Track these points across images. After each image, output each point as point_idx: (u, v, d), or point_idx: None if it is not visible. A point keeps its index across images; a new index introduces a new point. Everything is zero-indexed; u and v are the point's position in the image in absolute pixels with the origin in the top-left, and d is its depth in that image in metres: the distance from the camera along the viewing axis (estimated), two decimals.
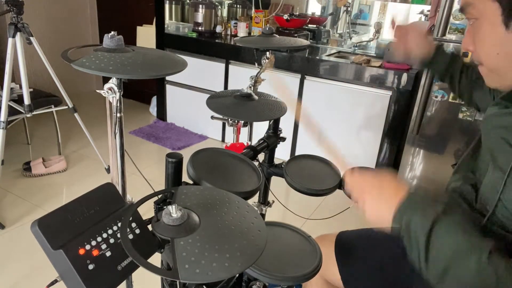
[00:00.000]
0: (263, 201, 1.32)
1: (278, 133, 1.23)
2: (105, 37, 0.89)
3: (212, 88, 3.19)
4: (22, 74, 2.16)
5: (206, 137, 3.40)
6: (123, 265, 0.60)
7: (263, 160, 1.23)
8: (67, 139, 3.07)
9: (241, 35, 3.26)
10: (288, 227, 0.95)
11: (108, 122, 1.01)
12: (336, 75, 2.66)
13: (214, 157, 0.94)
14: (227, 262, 0.55)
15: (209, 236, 0.59)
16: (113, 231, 0.62)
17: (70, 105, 2.38)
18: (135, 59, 0.85)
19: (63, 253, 0.56)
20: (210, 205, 0.67)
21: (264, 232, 0.63)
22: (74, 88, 3.83)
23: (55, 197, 2.36)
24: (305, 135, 2.92)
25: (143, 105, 4.05)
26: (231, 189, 0.76)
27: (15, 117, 2.28)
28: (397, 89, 2.49)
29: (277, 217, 1.19)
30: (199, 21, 3.27)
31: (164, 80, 3.47)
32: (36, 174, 2.55)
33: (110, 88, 0.92)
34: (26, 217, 2.14)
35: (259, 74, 1.52)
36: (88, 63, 0.81)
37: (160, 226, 0.60)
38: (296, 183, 1.07)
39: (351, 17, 3.25)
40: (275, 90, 1.22)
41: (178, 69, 0.88)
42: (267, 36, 1.42)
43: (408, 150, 2.56)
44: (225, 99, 1.11)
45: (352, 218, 2.40)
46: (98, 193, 0.65)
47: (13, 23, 2.05)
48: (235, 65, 3.05)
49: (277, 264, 0.80)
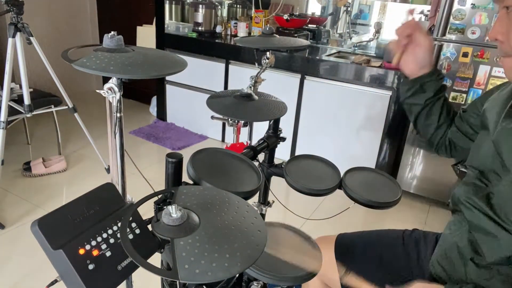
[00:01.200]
0: (263, 201, 1.32)
1: (278, 133, 1.23)
2: (105, 37, 0.89)
3: (212, 88, 3.19)
4: (22, 74, 2.16)
5: (206, 137, 3.40)
6: (123, 265, 0.60)
7: (263, 160, 1.23)
8: (67, 139, 3.07)
9: (241, 35, 3.26)
10: (288, 227, 0.95)
11: (108, 122, 1.01)
12: (336, 75, 2.66)
13: (214, 157, 0.94)
14: (227, 262, 0.55)
15: (209, 236, 0.59)
16: (113, 231, 0.62)
17: (70, 105, 2.38)
18: (135, 59, 0.85)
19: (63, 253, 0.56)
20: (210, 205, 0.67)
21: (264, 232, 0.63)
22: (74, 88, 3.83)
23: (55, 197, 2.36)
24: (304, 135, 2.92)
25: (143, 105, 4.05)
26: (231, 189, 0.76)
27: (15, 117, 2.28)
28: (397, 89, 2.49)
29: (277, 217, 1.19)
30: (199, 21, 3.27)
31: (164, 80, 3.47)
32: (36, 174, 2.55)
33: (110, 88, 0.92)
34: (26, 217, 2.14)
35: (259, 74, 1.52)
36: (88, 63, 0.81)
37: (160, 226, 0.60)
38: (296, 183, 1.07)
39: (351, 17, 3.25)
40: None
41: (178, 69, 0.88)
42: (267, 36, 1.42)
43: (408, 150, 2.56)
44: (225, 99, 1.11)
45: (352, 218, 2.40)
46: (98, 193, 0.65)
47: (13, 23, 2.05)
48: (235, 65, 3.05)
49: (277, 264, 0.80)
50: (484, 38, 2.17)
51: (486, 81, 2.22)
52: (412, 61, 0.99)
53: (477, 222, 0.80)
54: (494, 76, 2.20)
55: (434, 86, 1.01)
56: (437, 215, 2.51)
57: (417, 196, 2.63)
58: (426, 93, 1.01)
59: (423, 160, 2.53)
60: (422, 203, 2.62)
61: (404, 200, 2.48)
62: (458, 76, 2.28)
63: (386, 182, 1.16)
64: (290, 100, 2.82)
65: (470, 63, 2.23)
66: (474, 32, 2.18)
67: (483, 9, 2.13)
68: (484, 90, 2.24)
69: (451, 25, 2.23)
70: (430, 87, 1.01)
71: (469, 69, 2.24)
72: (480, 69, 2.22)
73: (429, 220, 2.46)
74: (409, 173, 2.60)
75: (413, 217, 2.48)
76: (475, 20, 2.17)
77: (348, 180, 1.11)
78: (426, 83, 1.01)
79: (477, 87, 2.25)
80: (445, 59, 2.29)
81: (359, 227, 2.35)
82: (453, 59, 2.27)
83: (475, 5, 2.14)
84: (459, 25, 2.21)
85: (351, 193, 1.06)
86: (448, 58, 2.28)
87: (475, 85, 2.25)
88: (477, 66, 2.22)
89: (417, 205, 2.61)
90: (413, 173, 2.59)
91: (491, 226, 0.77)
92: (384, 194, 1.08)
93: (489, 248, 0.78)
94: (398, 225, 2.51)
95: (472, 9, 2.16)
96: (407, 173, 2.61)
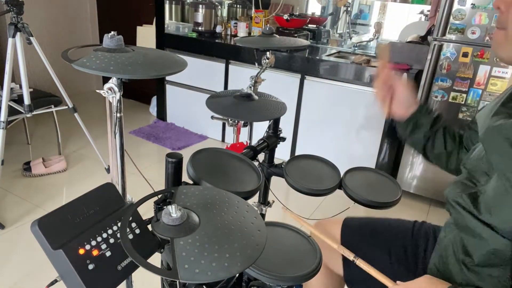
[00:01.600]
0: (263, 201, 1.32)
1: (278, 133, 1.23)
2: (105, 37, 0.89)
3: (212, 88, 3.19)
4: (22, 74, 2.16)
5: (206, 137, 3.40)
6: (123, 265, 0.60)
7: (263, 160, 1.23)
8: (67, 139, 3.07)
9: (241, 35, 3.26)
10: (288, 227, 0.95)
11: (108, 122, 1.01)
12: (336, 75, 2.66)
13: (214, 157, 0.94)
14: (227, 262, 0.55)
15: (208, 236, 0.59)
16: (113, 231, 0.62)
17: (70, 105, 2.38)
18: (135, 59, 0.85)
19: (63, 253, 0.56)
20: (210, 205, 0.67)
21: (264, 232, 0.63)
22: (74, 88, 3.84)
23: (55, 197, 2.36)
24: (304, 135, 2.92)
25: (143, 105, 4.05)
26: (231, 189, 0.76)
27: (15, 117, 2.28)
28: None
29: (277, 217, 1.19)
30: (199, 21, 3.27)
31: (164, 80, 3.47)
32: (36, 174, 2.55)
33: (110, 88, 0.92)
34: (26, 217, 2.14)
35: (259, 74, 1.52)
36: (88, 63, 0.81)
37: (160, 226, 0.60)
38: (296, 183, 1.07)
39: (351, 17, 3.25)
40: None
41: (178, 69, 0.88)
42: (267, 36, 1.43)
43: (408, 150, 2.56)
44: (225, 99, 1.11)
45: None
46: (98, 193, 0.65)
47: (13, 23, 2.05)
48: (235, 65, 3.05)
49: (277, 264, 0.80)
50: (484, 38, 2.17)
51: (486, 81, 2.22)
52: (399, 106, 1.04)
53: (463, 222, 0.80)
54: (494, 76, 2.20)
55: (427, 120, 1.03)
56: (437, 215, 2.51)
57: (417, 196, 2.63)
58: (423, 128, 1.04)
59: (423, 160, 2.52)
60: (422, 203, 2.62)
61: (404, 200, 2.48)
62: (458, 76, 2.28)
63: (386, 182, 1.16)
64: (290, 100, 2.82)
65: (470, 63, 2.23)
66: (474, 32, 2.18)
67: (483, 9, 2.13)
68: (484, 90, 2.24)
69: (451, 25, 2.23)
70: (424, 122, 1.03)
71: (469, 69, 2.24)
72: (480, 69, 2.22)
73: (429, 220, 2.44)
74: (409, 173, 2.60)
75: (413, 217, 2.47)
76: (475, 20, 2.17)
77: (348, 180, 1.11)
78: (419, 120, 1.04)
79: (477, 87, 2.25)
80: (445, 59, 2.29)
81: None
82: (453, 59, 2.27)
83: (475, 5, 2.14)
84: (459, 25, 2.21)
85: (351, 193, 1.06)
86: (448, 58, 2.28)
87: (475, 85, 2.25)
88: (477, 66, 2.22)
89: (417, 205, 2.60)
90: (413, 173, 2.59)
91: (475, 225, 0.76)
92: (384, 194, 1.08)
93: (476, 248, 0.78)
94: None
95: (472, 9, 2.16)
96: (407, 173, 2.61)
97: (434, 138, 1.04)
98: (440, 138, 1.04)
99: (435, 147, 1.04)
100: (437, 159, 1.07)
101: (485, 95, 2.24)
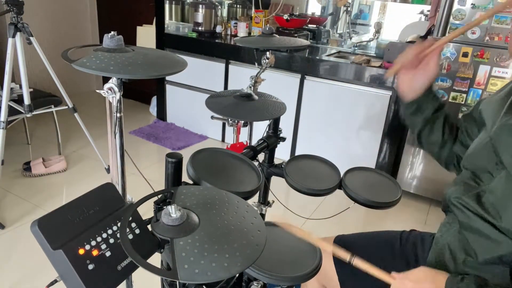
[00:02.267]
0: (263, 201, 1.32)
1: (278, 133, 1.23)
2: (105, 37, 0.89)
3: (212, 88, 3.19)
4: (22, 74, 2.16)
5: (206, 137, 3.40)
6: (123, 265, 0.60)
7: (263, 160, 1.23)
8: (67, 139, 3.07)
9: (241, 35, 3.26)
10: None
11: (108, 122, 1.01)
12: (336, 75, 2.66)
13: (214, 157, 0.94)
14: (227, 262, 0.55)
15: (208, 236, 0.59)
16: (113, 231, 0.62)
17: (70, 105, 2.38)
18: (135, 59, 0.85)
19: (63, 253, 0.56)
20: (209, 205, 0.67)
21: (263, 232, 0.63)
22: (74, 88, 3.84)
23: (55, 197, 2.36)
24: (304, 135, 2.92)
25: (143, 105, 4.05)
26: (231, 189, 0.76)
27: (15, 117, 2.28)
28: (397, 89, 2.48)
29: (277, 217, 1.19)
30: (199, 21, 3.27)
31: (164, 80, 3.47)
32: (36, 174, 2.55)
33: (110, 88, 0.92)
34: (26, 217, 2.14)
35: (259, 74, 1.52)
36: (89, 63, 0.81)
37: (160, 226, 0.60)
38: (296, 183, 1.07)
39: (351, 17, 3.25)
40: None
41: (178, 69, 0.88)
42: (267, 36, 1.43)
43: (408, 150, 2.56)
44: (225, 99, 1.11)
45: (352, 218, 2.40)
46: (98, 193, 0.65)
47: (13, 23, 2.05)
48: (235, 65, 3.05)
49: (277, 264, 0.80)
50: (484, 38, 2.17)
51: (486, 81, 2.22)
52: (408, 85, 0.99)
53: (468, 222, 0.80)
54: (494, 76, 2.20)
55: (431, 106, 1.01)
56: (437, 215, 2.51)
57: (417, 196, 2.63)
58: (425, 113, 1.02)
59: (423, 160, 2.53)
60: (422, 203, 2.62)
61: (404, 200, 2.48)
62: (458, 76, 2.28)
63: (386, 182, 1.16)
64: (290, 100, 2.82)
65: (470, 63, 2.23)
66: (474, 32, 2.18)
67: (483, 9, 2.13)
68: (484, 90, 2.24)
69: (451, 25, 2.23)
70: (427, 107, 1.01)
71: (469, 69, 2.24)
72: (480, 69, 2.22)
73: (429, 220, 2.46)
74: (409, 173, 2.60)
75: (413, 217, 2.48)
76: None
77: (348, 180, 1.11)
78: (423, 104, 1.01)
79: (477, 87, 2.25)
80: (445, 59, 2.29)
81: (359, 227, 2.36)
82: (453, 59, 2.27)
83: (475, 5, 2.14)
84: (459, 25, 2.21)
85: (351, 193, 1.06)
86: (448, 58, 2.28)
87: (475, 85, 2.25)
88: (477, 66, 2.22)
89: (417, 205, 2.60)
90: (413, 173, 2.59)
91: (482, 226, 0.76)
92: (384, 194, 1.08)
93: (481, 247, 0.78)
94: (398, 225, 2.51)
95: (472, 9, 2.16)
96: (407, 173, 2.61)
97: (433, 125, 1.03)
98: (439, 126, 1.03)
99: (432, 133, 1.04)
100: (431, 146, 1.07)
101: (485, 95, 2.24)
